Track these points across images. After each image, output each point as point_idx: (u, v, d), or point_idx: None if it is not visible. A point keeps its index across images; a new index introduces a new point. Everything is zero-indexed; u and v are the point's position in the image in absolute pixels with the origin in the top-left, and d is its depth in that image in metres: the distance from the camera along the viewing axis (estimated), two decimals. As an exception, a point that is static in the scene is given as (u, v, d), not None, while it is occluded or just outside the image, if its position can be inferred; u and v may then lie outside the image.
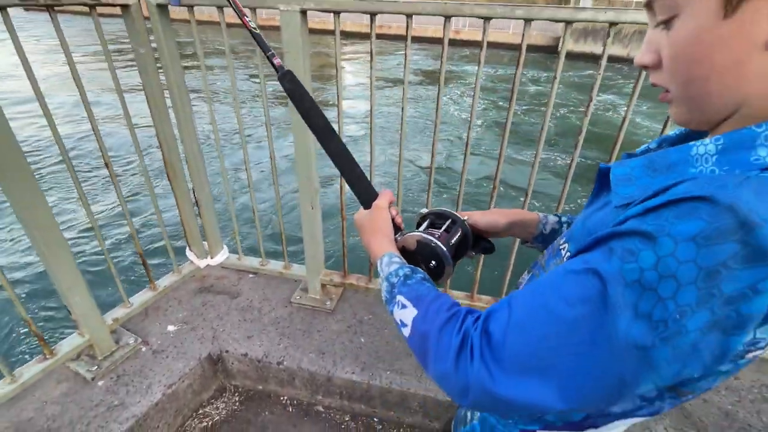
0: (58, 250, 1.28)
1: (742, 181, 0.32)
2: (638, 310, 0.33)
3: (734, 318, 0.31)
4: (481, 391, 0.40)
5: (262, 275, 1.95)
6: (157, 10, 1.34)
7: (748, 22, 0.34)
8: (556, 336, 0.37)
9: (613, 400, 0.38)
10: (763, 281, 0.30)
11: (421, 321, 0.48)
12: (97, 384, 1.44)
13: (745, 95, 0.37)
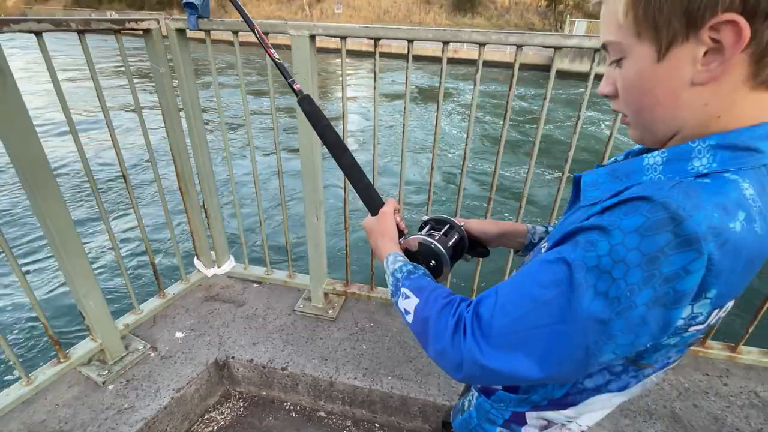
0: (77, 259, 1.35)
1: (674, 185, 0.40)
2: (597, 290, 0.40)
3: (672, 294, 0.39)
4: (472, 364, 0.47)
5: (266, 284, 2.01)
6: (176, 33, 1.44)
7: (675, 66, 0.42)
8: (533, 315, 0.44)
9: (582, 368, 0.45)
10: (692, 263, 0.37)
11: (422, 307, 0.55)
12: (108, 388, 1.49)
13: (682, 121, 0.45)
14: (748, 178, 0.42)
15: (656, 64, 0.43)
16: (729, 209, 0.39)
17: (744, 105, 0.43)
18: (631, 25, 0.44)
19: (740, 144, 0.42)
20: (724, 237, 0.38)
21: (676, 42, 0.41)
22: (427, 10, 45.26)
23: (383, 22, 42.99)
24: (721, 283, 0.40)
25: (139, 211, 1.60)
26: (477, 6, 43.07)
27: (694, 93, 0.43)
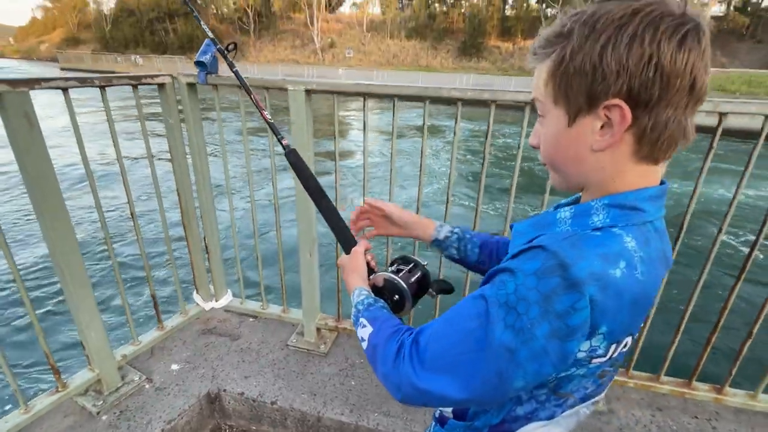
0: (82, 290, 1.45)
1: (567, 237, 0.49)
2: (506, 322, 0.48)
3: (565, 329, 0.46)
4: (409, 385, 0.54)
5: (262, 318, 2.07)
6: (187, 87, 1.61)
7: (581, 132, 0.52)
8: (459, 343, 0.51)
9: (499, 393, 0.51)
10: (577, 302, 0.45)
11: (375, 335, 0.63)
12: (101, 418, 1.53)
13: (587, 177, 0.55)
14: (632, 232, 0.50)
15: (567, 128, 0.53)
16: (610, 258, 0.47)
17: (631, 173, 0.52)
18: (550, 92, 0.53)
19: (627, 204, 0.52)
20: (605, 281, 0.46)
21: (582, 113, 0.51)
22: (434, 54, 47.28)
23: (392, 66, 44.85)
24: (608, 320, 0.48)
25: (143, 247, 1.71)
26: (482, 51, 44.88)
27: (593, 157, 0.53)
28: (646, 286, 0.50)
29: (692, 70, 0.46)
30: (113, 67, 47.14)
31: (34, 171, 1.23)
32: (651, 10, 0.45)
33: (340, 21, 56.41)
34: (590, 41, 0.47)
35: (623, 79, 0.46)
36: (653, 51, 0.44)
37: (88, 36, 74.85)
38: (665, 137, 0.49)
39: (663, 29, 0.44)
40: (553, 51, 0.51)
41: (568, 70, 0.49)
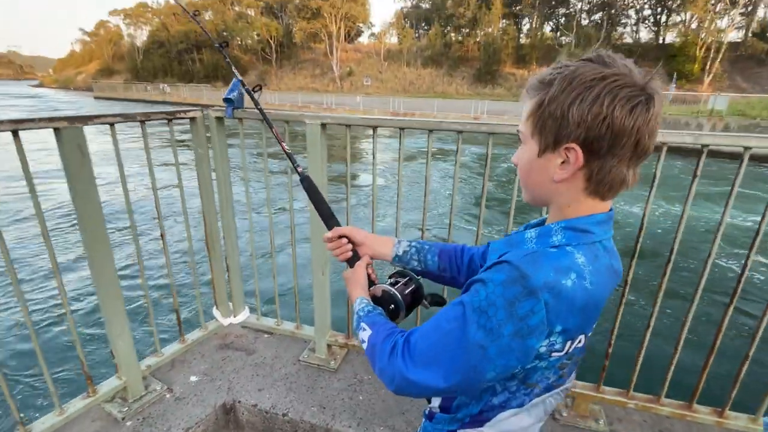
0: (116, 303, 1.59)
1: (528, 253, 0.60)
2: (479, 323, 0.59)
3: (526, 328, 0.57)
4: (401, 378, 0.64)
5: (276, 335, 2.18)
6: (216, 120, 1.79)
7: (547, 164, 0.64)
8: (442, 341, 0.62)
9: (475, 383, 0.61)
10: (535, 306, 0.56)
11: (373, 337, 0.73)
12: (126, 424, 1.65)
13: (550, 200, 0.67)
14: (582, 250, 0.61)
15: (537, 157, 0.65)
16: (562, 271, 0.58)
17: (583, 203, 0.64)
18: (529, 126, 0.65)
19: (579, 227, 0.63)
20: (557, 289, 0.57)
21: (549, 149, 0.63)
22: (449, 81, 48.22)
23: (409, 93, 45.86)
24: (562, 321, 0.58)
25: (171, 266, 1.86)
26: (497, 78, 45.55)
27: (554, 186, 0.64)
28: (595, 294, 0.60)
29: (637, 133, 0.57)
30: (143, 96, 49.59)
31: (82, 194, 1.41)
32: (616, 79, 0.56)
33: (359, 50, 58.37)
34: (564, 94, 0.58)
35: (582, 130, 0.58)
36: (608, 113, 0.56)
37: (121, 67, 79.27)
38: (608, 181, 0.61)
39: (620, 97, 0.56)
40: (537, 94, 0.63)
41: (544, 113, 0.61)
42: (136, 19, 76.77)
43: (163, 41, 68.64)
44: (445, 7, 51.77)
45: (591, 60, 0.60)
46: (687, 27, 39.84)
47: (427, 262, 0.96)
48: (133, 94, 51.72)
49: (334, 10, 50.38)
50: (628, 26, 46.47)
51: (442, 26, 51.89)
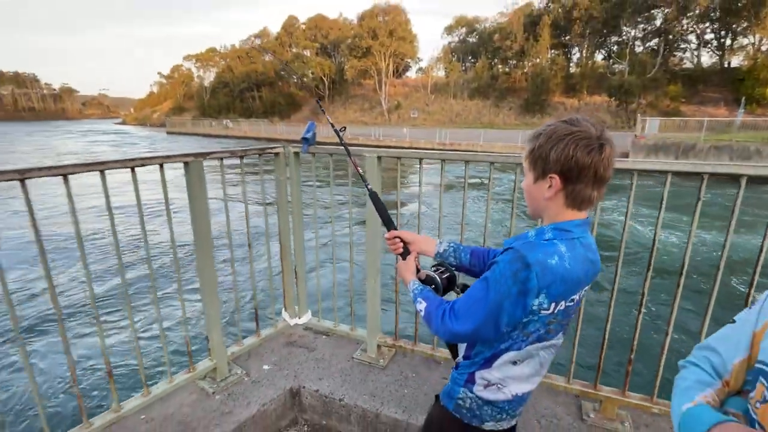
0: (214, 299, 2.02)
1: (526, 242, 0.91)
2: (496, 288, 0.90)
3: (525, 290, 0.87)
4: (449, 332, 0.97)
5: (333, 335, 2.53)
6: (294, 155, 2.25)
7: (539, 188, 0.95)
8: (473, 303, 0.94)
9: (495, 328, 0.92)
10: (529, 275, 0.86)
11: (428, 307, 1.05)
12: (215, 397, 2.04)
13: (542, 213, 0.98)
14: (564, 243, 0.91)
15: (533, 184, 0.97)
16: (548, 254, 0.89)
17: (565, 213, 0.95)
18: (528, 163, 0.98)
19: (562, 227, 0.93)
20: (544, 265, 0.87)
21: (539, 178, 0.95)
22: (496, 112, 48.37)
23: (455, 124, 46.47)
24: (547, 286, 0.88)
25: (255, 274, 2.29)
26: (546, 108, 45.07)
27: (545, 203, 0.96)
28: (571, 272, 0.90)
29: (594, 167, 0.88)
30: (208, 131, 54.20)
31: (199, 210, 1.87)
32: (578, 132, 0.89)
33: (406, 84, 60.47)
34: (547, 143, 0.91)
35: (558, 165, 0.90)
36: (574, 154, 0.88)
37: (191, 105, 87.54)
38: (579, 198, 0.92)
39: (581, 145, 0.88)
40: (531, 143, 0.96)
41: (535, 154, 0.94)
42: (205, 63, 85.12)
43: (228, 81, 75.24)
44: (492, 40, 52.70)
45: (565, 121, 0.92)
46: (756, 50, 37.55)
47: (461, 259, 1.27)
48: (200, 129, 56.71)
49: (384, 48, 52.98)
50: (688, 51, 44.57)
51: (488, 59, 52.69)
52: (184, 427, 1.85)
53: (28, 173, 1.36)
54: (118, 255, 1.71)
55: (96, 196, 1.73)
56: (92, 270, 5.86)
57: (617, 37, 46.97)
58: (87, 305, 5.65)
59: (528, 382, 1.04)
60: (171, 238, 1.86)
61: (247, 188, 2.21)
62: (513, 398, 1.05)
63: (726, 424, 0.64)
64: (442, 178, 1.97)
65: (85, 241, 1.60)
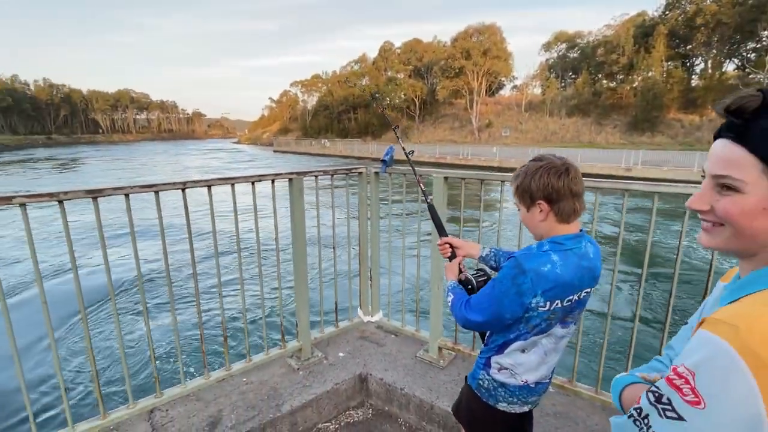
0: (304, 290, 2.47)
1: (526, 253, 1.14)
2: (500, 288, 1.14)
3: (521, 290, 1.11)
4: (464, 318, 1.22)
5: (400, 334, 2.82)
6: (374, 175, 2.64)
7: (533, 215, 1.18)
8: (483, 298, 1.19)
9: (499, 321, 1.15)
10: (525, 279, 1.10)
11: (454, 299, 1.32)
12: (299, 373, 2.46)
13: (539, 232, 1.19)
14: (557, 253, 1.13)
15: (527, 213, 1.20)
16: (542, 263, 1.11)
17: (558, 229, 1.16)
18: (517, 198, 1.21)
19: (557, 241, 1.14)
20: (537, 271, 1.10)
21: (531, 206, 1.18)
22: (598, 130, 44.85)
23: (550, 143, 44.15)
24: (541, 289, 1.10)
25: (337, 275, 2.71)
26: (657, 125, 40.54)
27: (541, 224, 1.18)
28: (563, 276, 1.11)
29: (568, 187, 1.11)
30: (307, 149, 59.12)
31: (298, 216, 2.35)
32: (547, 164, 1.13)
33: (499, 103, 59.33)
34: (526, 178, 1.16)
35: (541, 193, 1.13)
36: (548, 181, 1.11)
37: (295, 126, 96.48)
38: (566, 213, 1.13)
39: (551, 173, 1.11)
40: (514, 182, 1.21)
41: (520, 190, 1.19)
42: (309, 88, 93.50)
43: (328, 104, 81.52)
44: (595, 55, 49.40)
45: (533, 160, 1.16)
46: None
47: (500, 262, 1.50)
48: (301, 147, 62.21)
49: (477, 67, 52.87)
50: None
51: (591, 74, 49.38)
52: (274, 392, 2.29)
53: (190, 184, 1.94)
54: (238, 249, 2.24)
55: (223, 203, 2.30)
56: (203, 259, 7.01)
57: (754, 43, 40.65)
58: (214, 286, 6.77)
59: (536, 370, 1.24)
60: (276, 240, 2.35)
61: (334, 201, 2.66)
62: (523, 384, 1.25)
63: (634, 385, 0.80)
64: (501, 198, 2.18)
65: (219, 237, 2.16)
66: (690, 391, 0.54)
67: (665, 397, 0.57)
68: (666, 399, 0.57)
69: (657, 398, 0.59)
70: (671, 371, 0.57)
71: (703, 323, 0.57)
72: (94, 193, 1.70)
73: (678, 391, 0.55)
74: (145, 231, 7.88)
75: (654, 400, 0.59)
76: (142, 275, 1.92)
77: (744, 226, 0.61)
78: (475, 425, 1.38)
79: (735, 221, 0.62)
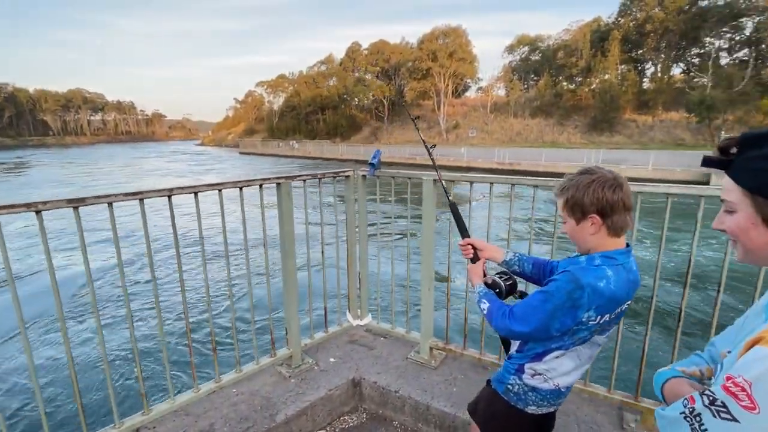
0: (293, 296, 2.43)
1: (581, 267, 1.17)
2: (552, 301, 1.15)
3: (577, 305, 1.12)
4: (507, 329, 1.23)
5: (389, 337, 2.83)
6: (361, 178, 2.63)
7: (583, 228, 1.19)
8: (530, 310, 1.19)
9: (545, 331, 1.16)
10: (581, 294, 1.11)
11: (491, 307, 1.31)
12: (291, 380, 2.41)
13: (590, 247, 1.20)
14: (611, 268, 1.15)
15: (576, 226, 1.22)
16: (599, 278, 1.13)
17: (609, 242, 1.19)
18: (567, 213, 1.23)
19: (609, 255, 1.17)
20: (594, 287, 1.12)
21: (582, 220, 1.21)
22: (560, 131, 46.64)
23: (514, 143, 45.48)
24: (595, 303, 1.12)
25: (326, 280, 2.68)
26: (615, 125, 42.66)
27: (591, 238, 1.20)
28: (616, 292, 1.13)
29: (620, 201, 1.13)
30: (275, 151, 57.97)
31: (287, 220, 2.30)
32: (600, 177, 1.14)
33: (465, 104, 60.53)
34: (578, 192, 1.17)
35: (594, 207, 1.15)
36: (602, 195, 1.13)
37: (261, 127, 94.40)
38: (618, 226, 1.16)
39: (605, 187, 1.13)
40: (563, 196, 1.21)
41: (570, 203, 1.19)
42: (275, 88, 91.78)
43: (295, 105, 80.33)
44: (555, 58, 51.37)
45: (583, 173, 1.18)
46: None
47: (524, 268, 1.51)
48: (268, 149, 60.88)
49: (443, 69, 53.73)
50: (785, 62, 40.09)
51: (552, 76, 51.29)
52: (267, 402, 2.24)
53: (176, 191, 1.86)
54: (226, 255, 2.17)
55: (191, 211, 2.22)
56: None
57: (698, 49, 43.58)
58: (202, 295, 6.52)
59: (570, 375, 1.27)
60: (264, 246, 2.30)
61: (316, 205, 2.63)
62: (555, 388, 1.29)
63: (676, 379, 0.86)
64: (491, 199, 2.23)
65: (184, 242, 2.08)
66: (746, 397, 0.61)
67: (719, 401, 0.64)
68: (720, 403, 0.64)
69: (711, 401, 0.66)
70: (726, 380, 0.64)
71: (761, 340, 0.64)
72: (76, 203, 1.61)
73: (734, 398, 0.62)
74: (124, 237, 7.57)
75: (708, 403, 0.66)
76: (126, 286, 1.83)
77: (743, 239, 0.76)
78: (494, 425, 1.40)
79: (735, 235, 0.76)
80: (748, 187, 0.71)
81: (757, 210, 0.70)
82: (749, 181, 0.71)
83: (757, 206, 0.70)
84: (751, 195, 0.71)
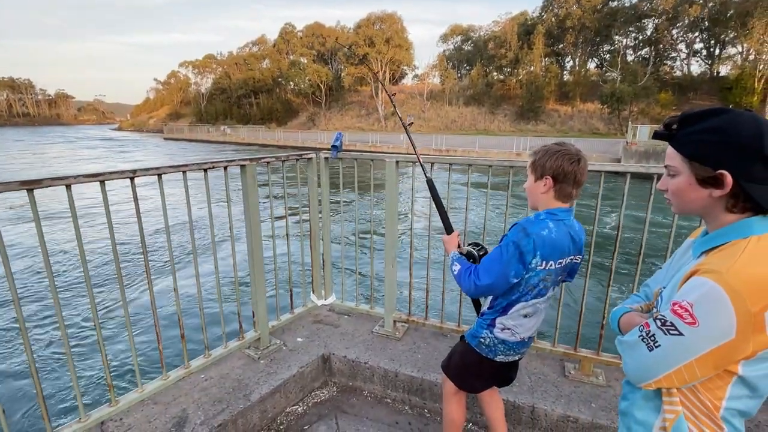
0: (261, 279, 2.43)
1: (526, 220, 1.37)
2: (506, 251, 1.34)
3: (524, 251, 1.32)
4: (474, 285, 1.40)
5: (353, 314, 2.94)
6: (324, 161, 2.67)
7: (537, 186, 1.39)
8: (490, 264, 1.38)
9: (505, 282, 1.35)
10: (528, 241, 1.31)
11: (461, 269, 1.47)
12: (260, 362, 2.44)
13: (539, 205, 1.42)
14: (553, 222, 1.36)
15: (533, 183, 1.40)
16: (542, 228, 1.33)
17: (554, 204, 1.39)
18: (530, 169, 1.42)
19: (551, 212, 1.38)
20: (538, 234, 1.32)
21: (538, 179, 1.39)
22: (492, 119, 49.14)
23: (450, 130, 47.12)
24: (539, 249, 1.32)
25: (291, 260, 2.70)
26: (540, 115, 45.85)
27: (541, 196, 1.40)
28: (556, 240, 1.34)
29: (573, 173, 1.33)
30: (206, 137, 54.49)
31: (251, 203, 2.29)
32: (565, 150, 1.34)
33: (402, 91, 61.24)
34: (544, 156, 1.36)
35: (551, 171, 1.34)
36: (561, 163, 1.33)
37: (188, 111, 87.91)
38: (565, 193, 1.36)
39: (565, 158, 1.33)
40: (533, 156, 1.40)
41: (536, 164, 1.38)
42: (202, 69, 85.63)
43: (225, 88, 75.74)
44: (486, 49, 53.63)
45: (556, 144, 1.37)
46: (744, 59, 38.58)
47: None
48: (197, 135, 57.03)
49: (380, 55, 53.70)
50: (678, 60, 45.67)
51: (483, 66, 53.58)
52: (238, 384, 2.25)
53: (140, 172, 1.78)
54: (192, 240, 2.12)
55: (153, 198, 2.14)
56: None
57: (609, 46, 48.03)
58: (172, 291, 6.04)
59: (532, 329, 1.49)
60: (230, 229, 2.27)
61: (278, 188, 2.63)
62: (520, 340, 1.50)
63: (628, 313, 1.08)
64: (450, 180, 2.40)
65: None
66: (689, 316, 0.80)
67: (669, 322, 0.83)
68: (669, 323, 0.83)
69: (663, 323, 0.85)
70: (673, 305, 0.83)
71: (697, 272, 0.83)
72: (30, 185, 1.49)
73: (680, 317, 0.81)
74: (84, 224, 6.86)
75: (660, 325, 0.85)
76: (88, 272, 1.73)
77: (681, 195, 0.93)
78: (466, 375, 1.58)
79: (676, 193, 0.94)
80: (686, 155, 0.88)
81: (693, 172, 0.88)
82: (687, 150, 0.88)
83: (693, 169, 0.88)
84: (689, 161, 0.88)
